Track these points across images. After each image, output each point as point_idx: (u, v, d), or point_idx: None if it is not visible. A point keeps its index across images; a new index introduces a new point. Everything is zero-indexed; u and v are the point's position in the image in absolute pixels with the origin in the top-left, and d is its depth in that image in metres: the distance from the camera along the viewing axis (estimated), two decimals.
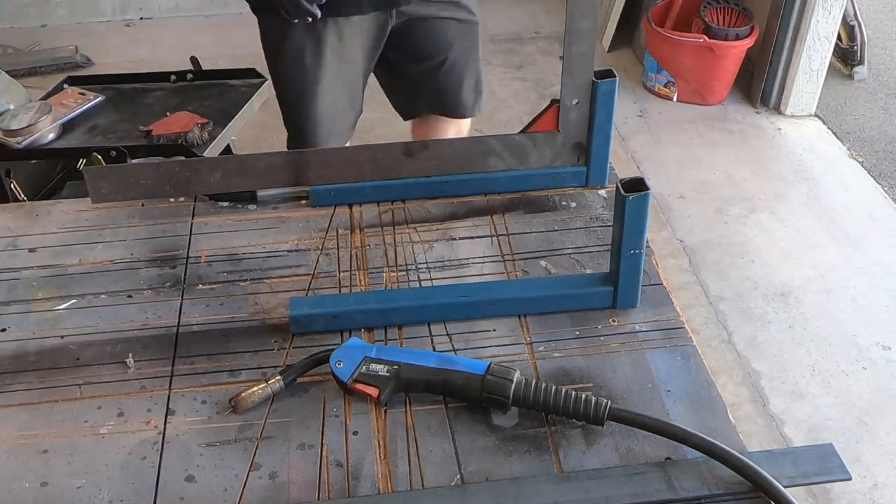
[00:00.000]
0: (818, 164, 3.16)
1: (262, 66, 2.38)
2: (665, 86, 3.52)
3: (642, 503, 0.81)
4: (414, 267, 1.11)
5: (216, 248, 1.14)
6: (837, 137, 3.33)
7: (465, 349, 0.98)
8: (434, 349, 0.98)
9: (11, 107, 2.10)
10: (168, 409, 0.92)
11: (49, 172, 2.21)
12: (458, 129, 2.05)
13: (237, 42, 4.06)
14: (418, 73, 1.89)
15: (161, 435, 0.89)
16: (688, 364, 0.96)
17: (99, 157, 1.90)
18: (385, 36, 1.74)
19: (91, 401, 0.93)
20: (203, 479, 0.84)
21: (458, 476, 0.84)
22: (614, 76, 1.06)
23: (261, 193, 1.22)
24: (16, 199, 2.03)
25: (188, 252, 1.14)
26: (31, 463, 0.86)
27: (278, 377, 0.92)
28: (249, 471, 0.85)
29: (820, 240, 2.77)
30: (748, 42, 3.33)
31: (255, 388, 0.90)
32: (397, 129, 3.44)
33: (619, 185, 0.93)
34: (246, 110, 2.19)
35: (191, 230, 1.17)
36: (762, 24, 3.33)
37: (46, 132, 2.03)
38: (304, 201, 1.22)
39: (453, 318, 1.02)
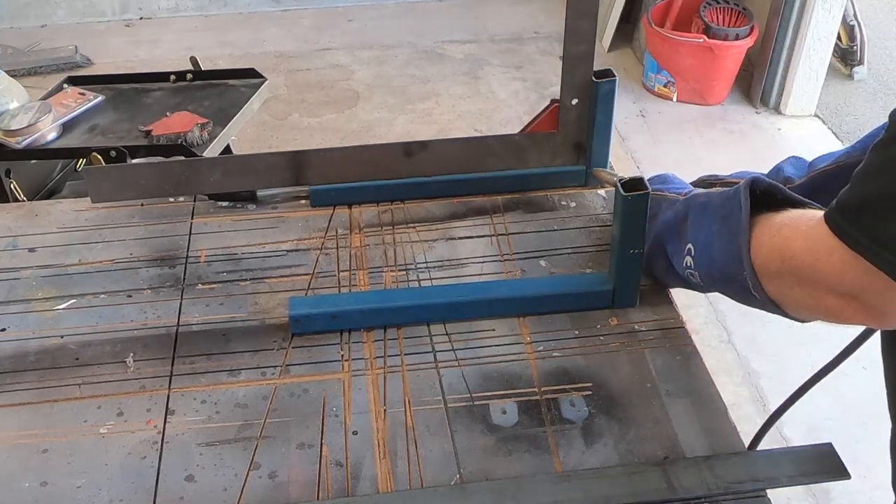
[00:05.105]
0: None
1: (261, 66, 2.39)
2: (665, 86, 3.52)
3: (642, 503, 0.81)
4: (414, 267, 1.11)
5: (216, 247, 1.14)
6: (837, 137, 3.33)
7: (465, 348, 0.98)
8: (434, 349, 0.98)
9: (12, 106, 2.09)
10: (168, 408, 0.92)
11: (49, 172, 2.21)
12: None
13: (237, 42, 4.08)
14: None
15: (161, 435, 0.89)
16: (688, 364, 0.96)
17: (99, 157, 1.90)
18: None
19: (91, 400, 0.93)
20: (203, 478, 0.84)
21: (458, 475, 0.84)
22: (614, 76, 1.06)
23: (260, 193, 1.22)
24: (16, 199, 2.03)
25: (188, 252, 1.14)
26: (30, 463, 0.86)
27: None
28: (249, 470, 0.85)
29: None
30: (748, 42, 3.33)
31: None
32: (397, 129, 3.45)
33: (619, 184, 0.93)
34: (246, 110, 2.18)
35: (190, 230, 1.17)
36: (762, 24, 3.33)
37: (46, 132, 2.02)
38: (303, 201, 1.22)
39: (453, 317, 1.02)
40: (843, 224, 0.71)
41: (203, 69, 2.32)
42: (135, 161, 1.91)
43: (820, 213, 0.75)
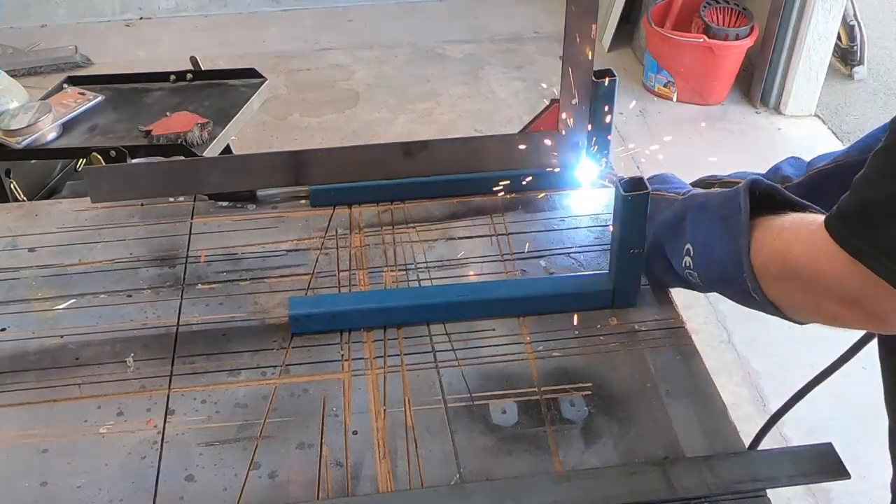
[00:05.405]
0: None
1: (261, 66, 2.39)
2: (665, 86, 3.52)
3: (642, 503, 0.81)
4: (413, 267, 1.10)
5: (215, 247, 1.14)
6: (837, 137, 3.33)
7: (465, 348, 0.98)
8: (434, 349, 0.98)
9: (12, 106, 2.09)
10: (168, 408, 0.92)
11: (49, 172, 2.21)
12: None
13: (237, 42, 4.08)
14: None
15: (161, 434, 0.89)
16: (687, 364, 0.96)
17: (99, 156, 1.90)
18: None
19: (91, 400, 0.93)
20: (203, 478, 0.84)
21: (458, 475, 0.84)
22: (614, 76, 1.06)
23: (260, 193, 1.22)
24: (16, 199, 2.03)
25: (187, 252, 1.14)
26: (30, 463, 0.86)
27: None
28: (249, 470, 0.85)
29: None
30: (748, 42, 3.33)
31: None
32: (397, 129, 3.45)
33: (619, 184, 0.93)
34: (246, 110, 2.18)
35: (190, 230, 1.17)
36: (762, 24, 3.33)
37: (46, 132, 2.02)
38: (303, 201, 1.22)
39: (453, 317, 1.02)
40: (843, 231, 0.71)
41: (203, 69, 2.32)
42: (135, 161, 1.91)
43: (821, 218, 0.75)
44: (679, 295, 1.05)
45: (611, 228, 1.02)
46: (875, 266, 0.68)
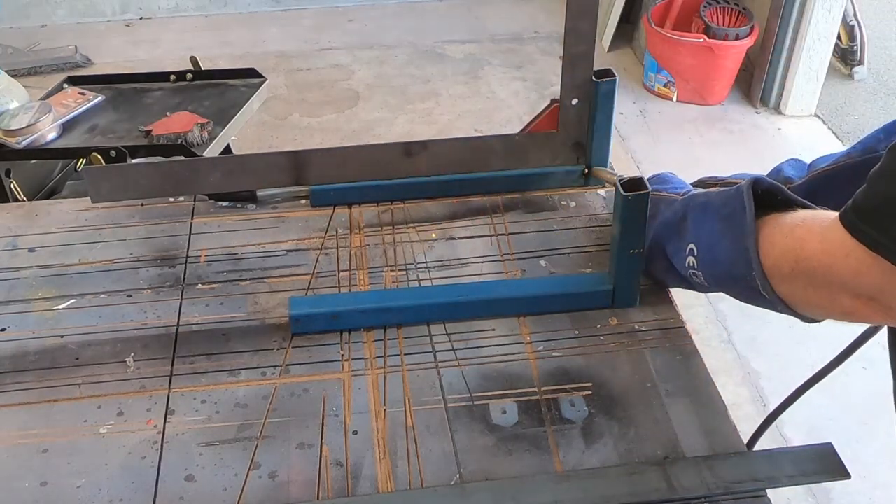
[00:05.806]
0: None
1: (261, 66, 2.39)
2: (665, 86, 3.52)
3: (642, 503, 0.81)
4: (413, 267, 1.11)
5: (216, 247, 1.14)
6: (837, 137, 3.33)
7: (465, 348, 0.98)
8: (434, 348, 0.98)
9: (12, 106, 2.09)
10: (168, 408, 0.92)
11: (49, 172, 2.21)
12: None
13: (237, 42, 4.08)
14: None
15: (161, 434, 0.89)
16: (687, 364, 0.96)
17: (99, 156, 1.90)
18: None
19: (91, 400, 0.93)
20: (203, 478, 0.84)
21: (458, 475, 0.84)
22: (614, 76, 1.06)
23: (261, 193, 1.22)
24: (16, 199, 2.03)
25: (188, 252, 1.14)
26: (31, 463, 0.86)
27: None
28: (249, 470, 0.85)
29: None
30: (748, 42, 3.33)
31: None
32: (397, 129, 3.45)
33: (619, 184, 0.93)
34: (246, 110, 2.18)
35: (190, 230, 1.17)
36: (762, 23, 3.33)
37: (46, 132, 2.03)
38: (303, 201, 1.22)
39: (453, 317, 1.02)
40: (860, 225, 0.70)
41: (203, 69, 2.32)
42: (135, 161, 1.91)
43: (834, 214, 0.74)
44: (679, 295, 1.05)
45: (611, 228, 1.02)
46: (894, 258, 0.68)
